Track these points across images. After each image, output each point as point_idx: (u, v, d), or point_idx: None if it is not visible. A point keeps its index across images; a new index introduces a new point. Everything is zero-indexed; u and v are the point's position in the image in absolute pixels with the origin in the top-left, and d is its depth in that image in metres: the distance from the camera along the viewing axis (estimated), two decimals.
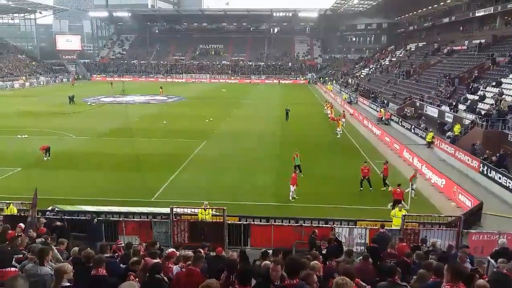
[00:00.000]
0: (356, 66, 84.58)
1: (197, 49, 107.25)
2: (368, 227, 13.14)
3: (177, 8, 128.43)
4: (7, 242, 8.32)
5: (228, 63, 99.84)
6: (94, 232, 12.41)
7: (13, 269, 5.18)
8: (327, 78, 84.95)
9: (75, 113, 41.59)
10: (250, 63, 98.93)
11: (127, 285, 3.36)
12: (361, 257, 8.00)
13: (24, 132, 30.49)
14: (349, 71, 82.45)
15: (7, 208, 13.90)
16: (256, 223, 13.57)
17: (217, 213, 13.54)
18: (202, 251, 8.39)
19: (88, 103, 49.57)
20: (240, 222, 13.46)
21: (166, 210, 13.81)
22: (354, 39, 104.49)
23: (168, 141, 29.12)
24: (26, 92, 66.30)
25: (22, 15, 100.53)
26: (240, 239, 13.19)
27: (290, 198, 17.68)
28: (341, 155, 25.72)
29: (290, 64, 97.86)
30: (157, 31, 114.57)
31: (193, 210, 13.70)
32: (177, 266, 6.65)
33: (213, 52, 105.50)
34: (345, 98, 54.96)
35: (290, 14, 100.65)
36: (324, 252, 9.44)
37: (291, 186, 17.71)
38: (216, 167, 22.83)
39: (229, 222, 13.14)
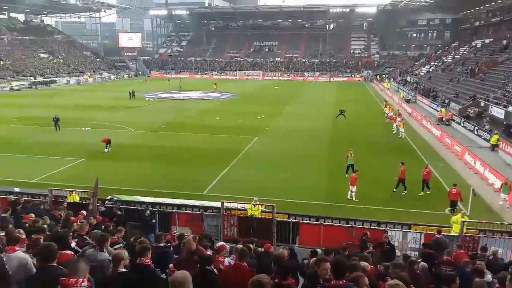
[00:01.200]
0: (416, 63, 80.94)
1: (251, 46, 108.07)
2: (424, 231, 12.52)
3: (233, 5, 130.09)
4: (68, 227, 8.87)
5: (281, 60, 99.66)
6: (147, 223, 12.88)
7: (69, 252, 5.47)
8: (384, 76, 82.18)
9: (134, 107, 43.59)
10: (304, 60, 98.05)
11: (181, 273, 3.42)
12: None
13: (87, 125, 32.43)
14: (408, 69, 79.09)
15: (70, 195, 14.82)
16: (305, 221, 13.43)
17: (266, 210, 13.57)
18: (251, 246, 8.42)
19: (147, 99, 51.67)
20: (289, 220, 13.38)
21: (217, 204, 14.05)
22: (414, 35, 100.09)
23: (220, 137, 29.62)
24: (90, 87, 70.49)
25: (88, 14, 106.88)
26: (288, 236, 13.12)
27: (352, 198, 17.23)
28: (396, 155, 24.65)
29: (345, 61, 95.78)
30: (213, 29, 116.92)
31: (243, 205, 13.83)
32: (229, 258, 6.72)
33: (267, 49, 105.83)
34: (403, 96, 52.84)
35: (347, 10, 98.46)
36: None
37: (351, 186, 17.31)
38: (267, 163, 22.87)
39: (278, 219, 13.10)
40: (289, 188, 18.65)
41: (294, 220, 13.35)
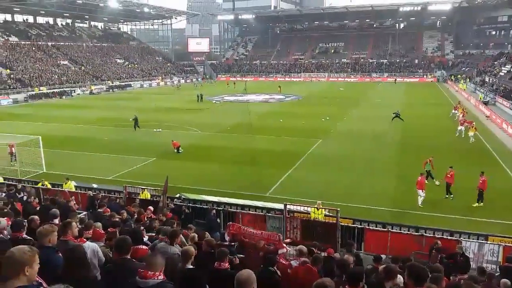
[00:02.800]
0: (496, 62, 74.89)
1: (317, 48, 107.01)
2: (503, 243, 11.53)
3: (299, 8, 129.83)
4: (141, 223, 9.39)
5: (347, 61, 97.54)
6: (212, 222, 13.24)
7: (144, 246, 5.79)
8: (459, 76, 77.07)
9: (202, 110, 45.16)
10: (372, 61, 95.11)
11: (246, 272, 3.48)
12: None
13: (159, 126, 34.17)
14: (487, 68, 73.47)
15: (142, 192, 15.70)
16: (371, 228, 12.99)
17: (330, 214, 13.32)
18: (314, 250, 8.34)
19: (213, 101, 53.25)
20: (354, 225, 13.04)
21: (280, 206, 14.08)
22: (493, 32, 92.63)
23: (284, 139, 29.67)
24: (162, 90, 74.17)
25: (161, 21, 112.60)
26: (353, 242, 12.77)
27: (420, 204, 16.54)
28: (472, 162, 22.95)
29: (416, 61, 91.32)
30: (278, 32, 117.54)
31: (306, 208, 13.72)
32: (294, 260, 6.72)
33: (332, 51, 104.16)
34: (481, 98, 49.17)
35: (419, 8, 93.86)
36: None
37: (419, 190, 16.53)
38: (331, 167, 22.49)
39: (342, 224, 12.81)
40: (354, 193, 18.19)
41: (359, 226, 12.98)
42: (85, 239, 5.36)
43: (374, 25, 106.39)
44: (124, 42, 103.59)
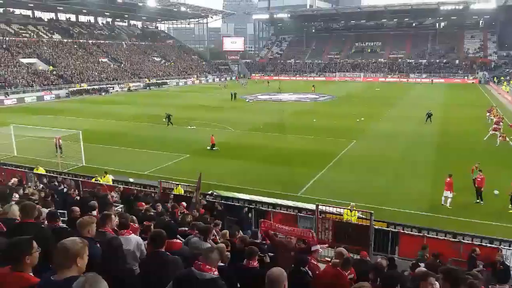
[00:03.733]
0: None
1: (353, 47, 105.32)
2: None
3: (336, 6, 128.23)
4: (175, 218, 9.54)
5: (384, 61, 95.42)
6: (244, 219, 13.30)
7: (178, 241, 5.87)
8: (502, 78, 73.69)
9: (235, 108, 45.48)
10: (410, 61, 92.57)
11: (277, 269, 3.45)
12: None
13: (193, 123, 34.71)
14: None
15: (176, 188, 15.98)
16: (406, 232, 12.63)
17: (363, 216, 13.07)
18: (345, 252, 8.20)
19: (247, 100, 53.48)
20: (388, 229, 12.72)
21: (311, 206, 13.95)
22: None
23: (317, 139, 29.38)
24: (197, 88, 75.30)
25: (197, 20, 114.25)
26: (387, 246, 12.47)
27: (448, 205, 16.11)
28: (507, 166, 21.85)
29: (457, 61, 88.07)
30: (313, 31, 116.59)
31: (338, 209, 13.51)
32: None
33: (369, 50, 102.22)
34: None
35: (461, 7, 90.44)
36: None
37: (447, 192, 16.03)
38: (365, 168, 22.06)
39: (376, 227, 12.53)
40: (388, 195, 17.76)
41: (393, 230, 12.66)
42: (130, 231, 5.49)
43: (413, 24, 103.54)
44: (161, 41, 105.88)
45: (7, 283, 2.89)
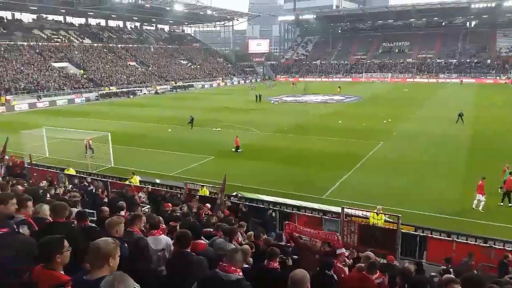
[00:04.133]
0: None
1: (380, 47, 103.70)
2: None
3: (362, 6, 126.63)
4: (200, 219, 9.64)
5: (413, 61, 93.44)
6: (268, 221, 13.28)
7: (202, 241, 5.93)
8: None
9: (260, 110, 45.57)
10: (439, 61, 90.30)
11: (300, 271, 3.44)
12: None
13: (218, 125, 34.98)
14: None
15: (201, 189, 16.14)
16: (434, 236, 12.31)
17: (390, 220, 12.81)
18: (372, 256, 8.07)
19: (272, 102, 53.48)
20: (416, 233, 12.42)
21: (337, 209, 13.80)
22: None
23: (343, 141, 29.06)
24: (222, 90, 75.90)
25: (223, 23, 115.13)
26: (414, 250, 12.19)
27: (480, 209, 15.64)
28: None
29: (489, 61, 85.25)
30: (339, 31, 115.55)
31: (364, 212, 13.30)
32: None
33: (397, 50, 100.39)
34: None
35: (493, 5, 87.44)
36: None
37: (479, 195, 15.54)
38: (392, 170, 21.65)
39: (403, 230, 12.27)
40: (416, 199, 17.37)
41: (421, 234, 12.36)
42: (160, 232, 5.59)
43: (443, 23, 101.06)
44: (187, 44, 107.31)
45: (39, 281, 3.00)
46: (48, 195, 10.37)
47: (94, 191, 14.22)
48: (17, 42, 67.12)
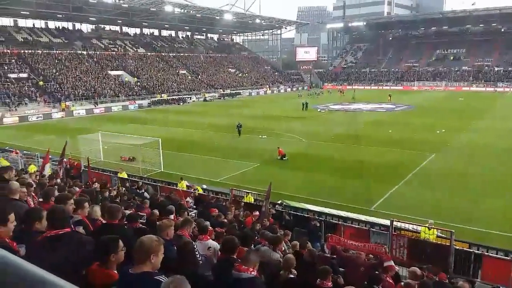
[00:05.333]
0: None
1: (433, 55, 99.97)
2: None
3: (415, 13, 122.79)
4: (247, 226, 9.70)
5: (469, 69, 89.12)
6: (313, 231, 13.10)
7: (247, 249, 5.98)
8: None
9: (306, 118, 45.32)
10: (498, 69, 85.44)
11: None
12: None
13: (264, 133, 35.15)
14: None
15: (246, 196, 16.26)
16: (491, 254, 11.58)
17: (442, 235, 12.22)
18: (419, 272, 7.72)
19: (318, 110, 53.01)
20: (471, 250, 11.75)
21: (385, 221, 13.38)
22: None
23: (392, 151, 28.16)
24: (269, 98, 76.31)
25: (271, 31, 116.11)
26: (468, 268, 11.52)
27: None
28: None
29: None
30: (390, 38, 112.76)
31: (415, 226, 12.78)
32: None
33: (452, 57, 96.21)
34: None
35: None
36: None
37: None
38: (445, 183, 20.65)
39: (457, 247, 11.65)
40: (471, 214, 16.42)
41: (476, 251, 11.67)
42: (208, 237, 5.72)
43: (502, 30, 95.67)
44: (236, 52, 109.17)
45: (94, 279, 3.17)
46: (101, 197, 10.89)
47: (145, 194, 14.74)
48: (77, 51, 71.53)
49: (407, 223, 13.03)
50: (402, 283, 6.53)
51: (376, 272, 6.20)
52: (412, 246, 12.09)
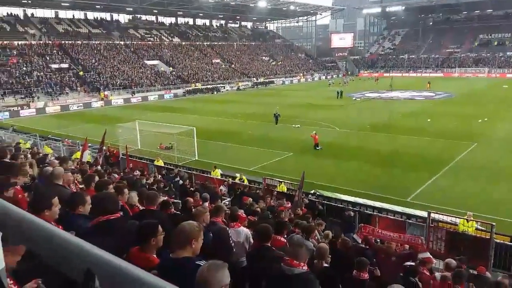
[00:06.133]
0: None
1: (476, 40, 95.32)
2: None
3: None
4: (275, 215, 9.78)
5: None
6: (347, 222, 12.98)
7: (282, 239, 6.03)
8: None
9: (341, 106, 44.64)
10: None
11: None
12: None
13: (297, 122, 34.94)
14: None
15: (279, 185, 16.30)
16: None
17: (482, 228, 11.81)
18: (462, 267, 7.52)
19: (354, 98, 52.02)
20: None
21: (422, 213, 13.07)
22: None
23: (430, 141, 27.31)
24: (302, 86, 75.59)
25: (305, 18, 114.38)
26: (509, 263, 11.11)
27: None
28: None
29: None
30: (431, 23, 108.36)
31: (453, 219, 12.42)
32: (439, 273, 6.21)
33: (496, 43, 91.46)
34: None
35: None
36: None
37: None
38: (486, 174, 19.86)
39: (497, 240, 11.23)
40: None
41: None
42: (239, 224, 5.81)
43: None
44: (269, 40, 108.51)
45: (134, 262, 3.29)
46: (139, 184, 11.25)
47: (180, 182, 15.09)
48: (115, 42, 73.38)
49: (445, 215, 12.70)
50: (438, 275, 6.39)
51: (413, 263, 6.10)
52: (450, 239, 11.79)
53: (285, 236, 5.72)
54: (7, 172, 5.47)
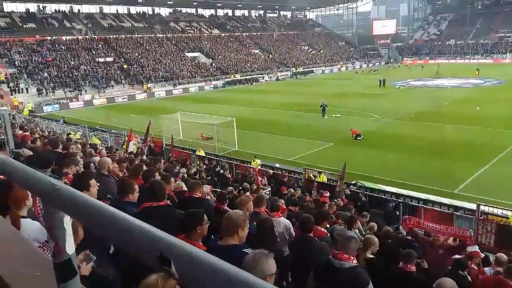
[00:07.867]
0: None
1: None
2: None
3: None
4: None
5: None
6: (390, 213, 12.70)
7: (323, 229, 6.00)
8: None
9: (384, 95, 43.39)
10: None
11: (450, 281, 3.28)
12: None
13: (338, 112, 34.33)
14: None
15: (319, 176, 16.18)
16: None
17: None
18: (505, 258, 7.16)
19: (397, 86, 50.39)
20: None
21: (471, 205, 12.54)
22: None
23: (479, 129, 26.02)
24: (343, 75, 74.12)
25: (346, 5, 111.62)
26: None
27: None
28: None
29: None
30: (479, 7, 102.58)
31: (504, 211, 11.83)
32: (489, 268, 5.96)
33: None
34: None
35: None
36: None
37: None
38: None
39: None
40: None
41: None
42: (280, 214, 5.85)
43: None
44: (309, 29, 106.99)
45: None
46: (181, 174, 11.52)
47: (221, 172, 15.32)
48: (157, 35, 75.04)
49: (495, 207, 12.15)
50: (487, 269, 6.14)
51: (460, 256, 5.88)
52: (501, 232, 11.26)
53: (328, 226, 5.67)
54: (60, 163, 5.77)
